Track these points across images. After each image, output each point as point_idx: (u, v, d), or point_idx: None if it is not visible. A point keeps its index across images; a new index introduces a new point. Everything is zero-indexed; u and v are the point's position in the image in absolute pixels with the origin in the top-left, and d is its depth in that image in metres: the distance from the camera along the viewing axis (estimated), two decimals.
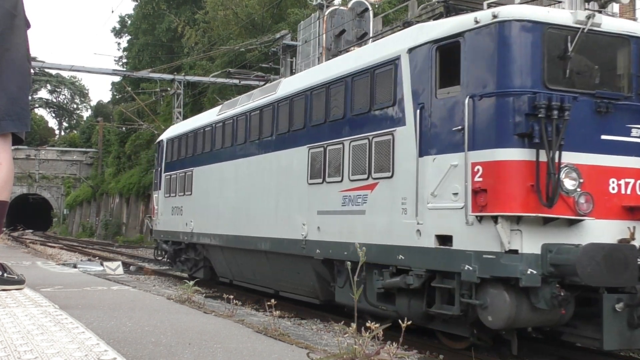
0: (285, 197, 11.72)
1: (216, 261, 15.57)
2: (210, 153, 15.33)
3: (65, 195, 76.69)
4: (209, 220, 15.15)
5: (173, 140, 18.17)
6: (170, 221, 17.71)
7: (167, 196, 18.12)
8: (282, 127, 12.04)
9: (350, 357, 4.73)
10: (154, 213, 19.60)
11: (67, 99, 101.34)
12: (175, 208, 17.38)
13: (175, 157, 17.72)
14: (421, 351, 8.90)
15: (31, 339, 4.56)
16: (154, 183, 20.04)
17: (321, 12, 19.50)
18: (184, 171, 16.79)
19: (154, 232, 19.72)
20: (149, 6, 54.25)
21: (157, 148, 19.79)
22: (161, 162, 18.94)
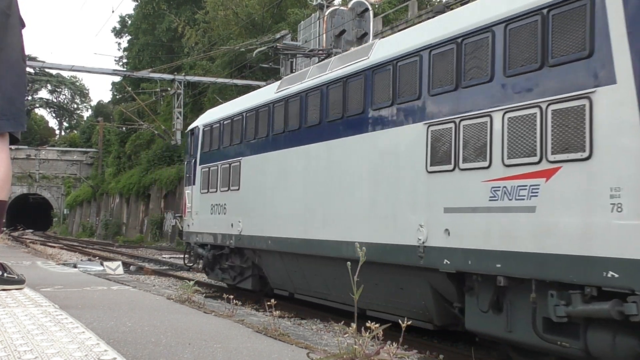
0: (388, 191, 9.05)
1: (271, 270, 12.80)
2: (266, 139, 12.65)
3: (65, 195, 76.72)
4: (264, 220, 12.48)
5: (212, 126, 15.38)
6: (209, 221, 15.13)
7: (204, 192, 15.51)
8: (381, 100, 9.43)
9: (350, 357, 4.72)
10: (185, 212, 16.96)
11: (67, 99, 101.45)
12: (216, 206, 14.76)
13: (216, 146, 15.07)
14: (421, 351, 8.90)
15: (31, 338, 4.56)
16: (186, 177, 17.43)
17: (321, 12, 19.50)
18: (229, 162, 14.20)
19: (186, 234, 16.98)
20: (149, 6, 54.28)
21: (190, 137, 16.99)
22: (195, 153, 16.26)
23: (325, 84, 10.86)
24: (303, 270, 11.66)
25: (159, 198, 45.68)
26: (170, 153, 45.86)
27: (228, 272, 14.80)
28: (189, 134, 17.19)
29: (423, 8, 31.88)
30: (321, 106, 10.89)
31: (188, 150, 17.21)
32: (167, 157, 46.36)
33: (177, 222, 19.08)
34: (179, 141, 34.71)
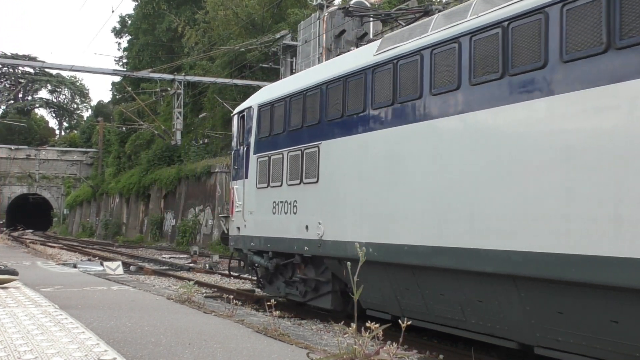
0: (603, 181, 6.24)
1: (368, 286, 9.18)
2: (363, 116, 9.75)
3: (65, 195, 76.73)
4: (359, 221, 9.67)
5: (272, 105, 12.47)
6: (270, 223, 12.21)
7: (261, 187, 12.59)
8: (579, 45, 6.53)
9: (350, 357, 4.73)
10: (233, 211, 14.09)
11: (67, 99, 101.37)
12: (282, 204, 11.83)
13: (279, 129, 12.09)
14: (421, 351, 8.89)
15: (31, 339, 4.56)
16: (233, 169, 14.51)
17: (321, 12, 19.48)
18: (300, 148, 11.29)
19: (235, 239, 13.98)
20: (149, 6, 54.30)
21: (238, 121, 14.14)
22: (247, 140, 13.48)
23: (469, 33, 7.93)
24: (423, 288, 8.76)
25: (159, 198, 45.69)
26: (170, 153, 45.87)
27: (296, 286, 11.91)
28: (235, 118, 14.35)
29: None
30: (459, 64, 8.04)
31: (235, 137, 14.36)
32: (167, 157, 46.36)
33: (222, 223, 15.49)
34: (178, 141, 34.73)
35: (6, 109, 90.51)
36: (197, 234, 37.70)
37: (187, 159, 43.54)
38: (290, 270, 12.11)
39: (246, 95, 37.28)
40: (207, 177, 37.51)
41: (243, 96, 37.35)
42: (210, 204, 36.92)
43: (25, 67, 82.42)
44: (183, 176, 41.02)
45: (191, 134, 44.84)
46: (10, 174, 74.71)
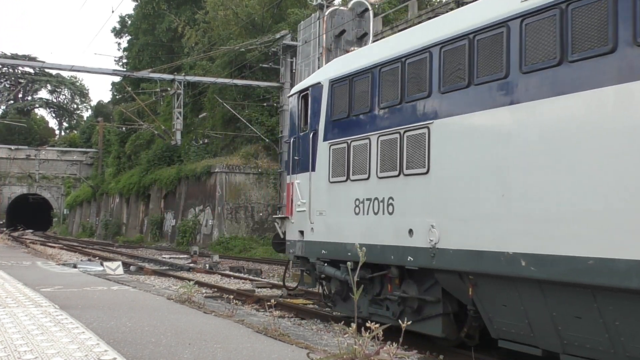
0: None
1: (509, 310, 7.54)
2: (504, 83, 7.38)
3: (65, 195, 76.74)
4: (503, 225, 7.25)
5: (351, 79, 10.14)
6: (351, 226, 9.89)
7: (336, 180, 10.27)
8: None
9: (350, 357, 4.73)
10: (292, 211, 11.79)
11: (67, 99, 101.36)
12: (368, 202, 9.53)
13: (365, 108, 9.75)
14: (421, 351, 8.90)
15: (31, 339, 4.56)
16: (292, 161, 11.97)
17: (321, 12, 19.48)
18: (397, 130, 8.96)
19: (297, 245, 11.52)
20: (149, 6, 54.30)
21: (299, 102, 11.89)
22: (315, 123, 11.10)
23: None
24: (609, 319, 6.44)
25: (159, 198, 45.70)
26: (170, 153, 45.88)
27: (386, 306, 9.67)
28: (294, 99, 12.13)
29: (423, 8, 31.88)
30: None
31: (294, 122, 12.08)
32: (167, 157, 46.38)
33: (276, 226, 12.70)
34: (178, 141, 34.69)
35: (6, 109, 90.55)
36: (197, 234, 37.71)
37: (187, 159, 43.54)
38: (379, 286, 9.71)
39: (246, 95, 37.37)
40: (207, 177, 37.52)
41: (243, 96, 37.39)
42: (210, 204, 36.93)
43: (25, 67, 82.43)
44: (183, 176, 41.03)
45: (191, 134, 44.85)
46: (10, 174, 74.72)
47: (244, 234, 35.62)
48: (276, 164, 33.84)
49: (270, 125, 36.26)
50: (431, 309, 8.86)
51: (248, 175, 36.63)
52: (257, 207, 36.43)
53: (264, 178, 36.58)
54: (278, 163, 32.34)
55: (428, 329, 8.94)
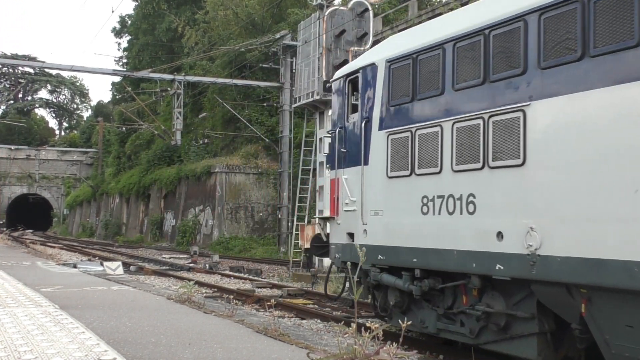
0: None
1: (638, 329, 6.20)
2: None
3: (65, 195, 76.75)
4: (630, 226, 6.02)
5: (418, 57, 8.78)
6: (418, 227, 8.54)
7: (396, 175, 8.97)
8: None
9: (350, 357, 4.73)
10: (337, 210, 10.49)
11: (67, 99, 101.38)
12: (441, 199, 8.21)
13: (435, 90, 8.41)
14: (421, 351, 8.89)
15: (31, 339, 4.56)
16: (339, 153, 10.52)
17: (321, 12, 19.47)
18: (480, 115, 7.62)
19: (345, 249, 10.19)
20: (149, 6, 54.30)
21: (344, 88, 10.57)
22: (367, 110, 9.78)
23: None
24: None
25: (159, 198, 45.70)
26: (170, 153, 45.90)
27: (460, 321, 8.30)
28: (338, 84, 10.78)
29: (423, 8, 31.89)
30: None
31: (339, 110, 10.70)
32: (167, 157, 46.39)
33: (318, 228, 11.47)
34: (178, 141, 34.72)
35: (6, 109, 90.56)
36: (197, 234, 37.71)
37: (187, 159, 43.55)
38: (450, 298, 8.38)
39: (246, 95, 37.38)
40: (207, 177, 37.52)
41: (243, 96, 37.39)
42: (210, 204, 36.94)
43: (25, 67, 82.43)
44: (183, 176, 41.05)
45: (191, 134, 44.86)
46: (10, 174, 74.74)
47: (244, 234, 35.62)
48: (276, 164, 33.84)
49: (270, 125, 36.27)
50: (523, 326, 7.41)
51: (248, 175, 36.64)
52: (257, 207, 36.44)
53: (264, 178, 36.59)
54: (278, 163, 32.35)
55: (518, 350, 7.54)
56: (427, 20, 29.31)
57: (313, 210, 21.35)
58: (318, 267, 19.02)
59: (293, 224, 23.67)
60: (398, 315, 9.29)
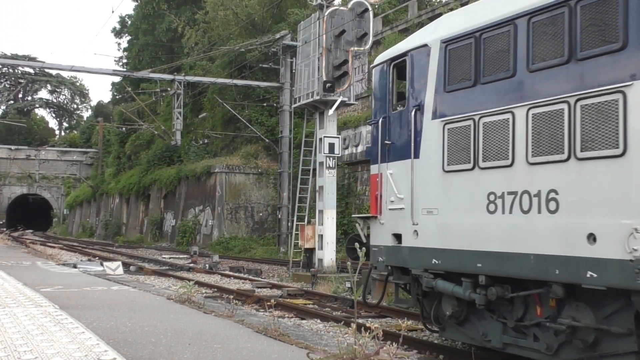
0: None
1: None
2: None
3: (65, 195, 76.76)
4: None
5: (481, 35, 7.82)
6: (483, 228, 7.53)
7: (455, 169, 8.02)
8: None
9: (350, 357, 4.73)
10: (379, 209, 9.47)
11: (67, 99, 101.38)
12: (513, 196, 7.20)
13: (504, 72, 7.42)
14: (421, 351, 8.89)
15: (31, 339, 4.56)
16: (382, 146, 9.51)
17: (321, 12, 19.46)
18: (564, 99, 6.68)
19: (390, 252, 9.16)
20: (149, 6, 54.31)
21: (389, 73, 9.52)
22: (417, 98, 8.84)
23: None
24: None
25: (159, 198, 45.71)
26: (170, 153, 45.90)
27: (533, 335, 7.33)
28: (382, 69, 9.70)
29: (423, 8, 31.90)
30: None
31: (383, 98, 9.67)
32: (167, 157, 46.40)
33: (358, 228, 10.43)
34: (178, 141, 34.72)
35: (6, 109, 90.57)
36: (197, 234, 37.72)
37: (187, 159, 43.56)
38: (522, 309, 7.40)
39: (246, 95, 37.39)
40: (207, 177, 37.53)
41: (243, 96, 37.40)
42: (210, 204, 36.94)
43: (25, 67, 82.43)
44: (183, 176, 41.05)
45: (191, 134, 44.87)
46: (10, 174, 74.75)
47: (243, 234, 35.63)
48: (276, 164, 33.85)
49: (270, 126, 36.28)
50: (617, 344, 6.39)
51: (248, 175, 36.64)
52: (257, 207, 36.44)
53: (264, 178, 36.60)
54: (278, 163, 32.36)
55: None
56: (427, 20, 29.35)
57: (313, 210, 21.35)
58: (318, 267, 19.03)
59: (293, 224, 23.67)
60: (454, 327, 8.33)
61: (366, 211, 26.54)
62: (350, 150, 30.35)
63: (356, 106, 30.54)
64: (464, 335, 8.23)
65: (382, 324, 10.49)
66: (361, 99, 31.45)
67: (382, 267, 9.32)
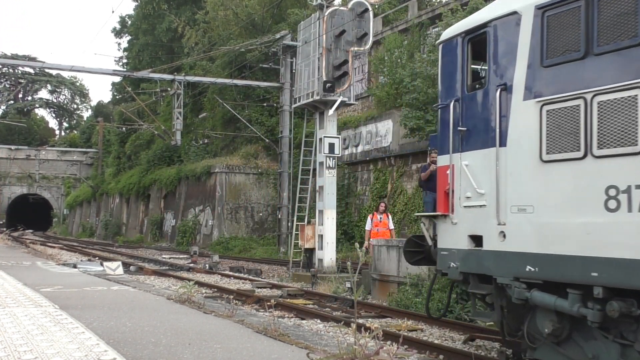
0: None
1: None
2: None
3: (65, 195, 76.76)
4: None
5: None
6: (594, 230, 6.27)
7: (556, 158, 6.74)
8: None
9: (350, 357, 4.73)
10: (450, 207, 8.17)
11: (67, 99, 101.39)
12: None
13: (630, 39, 6.15)
14: (421, 351, 8.88)
15: (31, 339, 4.56)
16: (454, 133, 8.20)
17: (321, 12, 19.46)
18: None
19: (472, 257, 7.76)
20: (149, 6, 54.31)
21: (462, 48, 8.22)
22: (502, 74, 7.53)
23: None
24: None
25: (159, 198, 45.71)
26: (170, 153, 45.90)
27: None
28: (454, 44, 8.35)
29: (423, 8, 31.90)
30: None
31: (451, 77, 8.37)
32: (167, 157, 46.40)
33: (423, 228, 9.16)
34: (178, 141, 34.72)
35: (6, 109, 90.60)
36: (197, 234, 37.72)
37: (187, 159, 43.57)
38: None
39: (246, 95, 37.40)
40: (207, 177, 37.53)
41: (243, 96, 37.41)
42: (210, 204, 36.95)
43: (25, 67, 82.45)
44: (183, 176, 41.06)
45: (191, 134, 44.89)
46: (10, 174, 74.76)
47: (243, 234, 35.63)
48: (276, 164, 33.86)
49: (270, 126, 36.29)
50: None
51: (248, 175, 36.65)
52: (257, 207, 36.45)
53: (264, 178, 36.61)
54: (278, 163, 32.38)
55: None
56: (427, 20, 29.37)
57: (313, 210, 21.34)
58: (318, 267, 19.03)
59: (293, 224, 23.66)
60: (550, 346, 7.01)
61: (366, 211, 26.55)
62: (350, 150, 30.36)
63: (356, 106, 30.56)
64: (564, 357, 6.91)
65: (382, 324, 10.49)
66: (361, 99, 31.47)
67: (456, 274, 7.90)
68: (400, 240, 14.61)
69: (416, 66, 22.94)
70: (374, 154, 28.55)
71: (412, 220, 24.06)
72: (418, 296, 12.35)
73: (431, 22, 28.27)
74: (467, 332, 9.89)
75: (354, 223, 28.69)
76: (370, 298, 14.72)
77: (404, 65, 25.92)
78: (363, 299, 14.06)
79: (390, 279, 14.34)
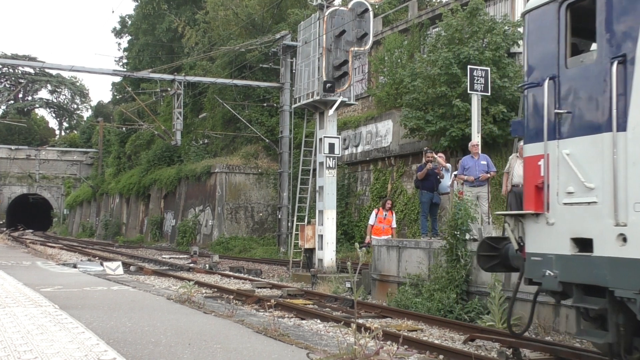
0: None
1: None
2: None
3: (65, 195, 76.75)
4: None
5: None
6: None
7: None
8: None
9: (350, 357, 4.73)
10: (545, 204, 6.82)
11: (67, 99, 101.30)
12: None
13: None
14: (421, 351, 8.88)
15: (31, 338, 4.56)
16: (548, 117, 6.84)
17: (321, 12, 19.45)
18: None
19: (575, 265, 6.41)
20: (150, 6, 54.29)
21: (558, 17, 6.81)
22: (619, 44, 6.12)
23: None
24: None
25: (159, 198, 45.70)
26: (170, 153, 45.88)
27: None
28: (551, 8, 6.94)
29: (423, 8, 31.90)
30: None
31: (544, 51, 7.06)
32: (167, 157, 46.38)
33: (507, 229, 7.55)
34: (178, 141, 34.72)
35: (6, 109, 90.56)
36: (197, 234, 37.72)
37: (187, 159, 43.55)
38: None
39: (246, 95, 37.40)
40: (207, 177, 37.53)
41: (243, 96, 37.41)
42: (210, 204, 36.94)
43: (25, 67, 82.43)
44: (183, 176, 41.05)
45: (191, 134, 44.88)
46: (10, 174, 74.74)
47: (243, 234, 35.63)
48: (276, 164, 33.86)
49: (270, 126, 36.28)
50: None
51: (248, 175, 36.65)
52: (257, 207, 36.45)
53: (264, 178, 36.60)
54: (278, 163, 32.37)
55: None
56: (427, 20, 29.36)
57: (313, 210, 21.34)
58: (318, 267, 19.02)
59: (293, 224, 23.66)
60: None
61: (367, 211, 26.54)
62: (350, 151, 30.35)
63: (356, 106, 30.54)
64: None
65: (382, 324, 10.50)
66: (361, 99, 31.46)
67: (553, 283, 6.60)
68: (400, 241, 14.63)
69: (416, 66, 22.93)
70: (374, 154, 28.55)
71: (412, 220, 24.07)
72: (418, 296, 12.35)
73: (431, 22, 28.26)
74: (467, 332, 9.90)
75: (354, 223, 28.69)
76: (370, 298, 14.71)
77: (404, 65, 25.90)
78: (363, 299, 14.08)
79: (390, 279, 14.34)
